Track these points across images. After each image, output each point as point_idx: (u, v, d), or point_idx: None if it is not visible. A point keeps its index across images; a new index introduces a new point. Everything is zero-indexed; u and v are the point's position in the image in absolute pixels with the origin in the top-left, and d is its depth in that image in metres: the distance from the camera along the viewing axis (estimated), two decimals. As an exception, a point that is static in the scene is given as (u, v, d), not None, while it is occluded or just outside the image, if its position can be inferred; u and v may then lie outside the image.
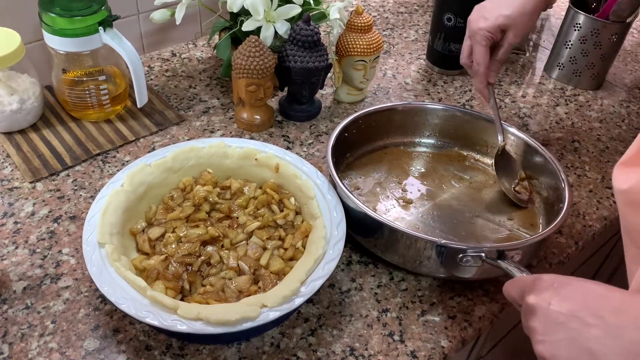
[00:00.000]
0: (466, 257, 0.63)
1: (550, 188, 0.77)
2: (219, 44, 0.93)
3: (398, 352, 0.62)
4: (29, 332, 0.61)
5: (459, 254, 0.63)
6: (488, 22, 0.78)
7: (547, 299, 0.46)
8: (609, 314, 0.42)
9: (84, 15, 0.77)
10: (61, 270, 0.67)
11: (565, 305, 0.45)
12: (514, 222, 0.76)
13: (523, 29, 0.79)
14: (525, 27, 0.80)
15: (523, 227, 0.76)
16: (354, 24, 0.90)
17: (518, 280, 0.53)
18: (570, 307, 0.44)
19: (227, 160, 0.74)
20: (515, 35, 0.79)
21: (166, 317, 0.55)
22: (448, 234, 0.74)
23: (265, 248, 0.66)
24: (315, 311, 0.65)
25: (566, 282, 0.47)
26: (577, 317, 0.43)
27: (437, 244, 0.64)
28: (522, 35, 0.80)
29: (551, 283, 0.47)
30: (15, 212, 0.74)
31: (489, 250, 0.63)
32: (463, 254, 0.63)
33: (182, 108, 0.94)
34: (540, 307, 0.46)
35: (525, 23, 0.79)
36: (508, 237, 0.74)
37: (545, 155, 0.78)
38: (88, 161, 0.82)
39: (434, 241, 0.64)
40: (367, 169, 0.83)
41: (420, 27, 1.23)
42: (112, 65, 0.87)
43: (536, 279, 0.49)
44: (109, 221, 0.64)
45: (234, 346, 0.61)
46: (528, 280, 0.50)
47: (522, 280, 0.52)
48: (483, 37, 0.78)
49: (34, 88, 0.84)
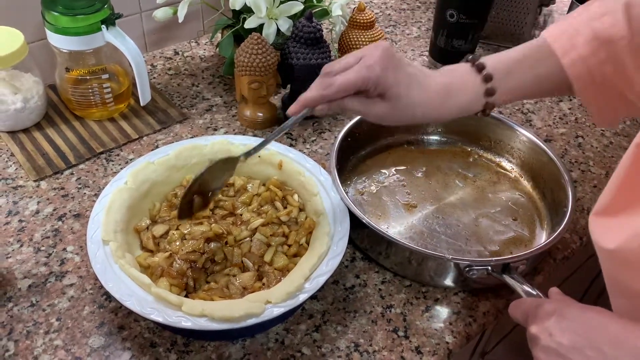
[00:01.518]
0: (472, 270, 0.64)
1: (554, 186, 0.77)
2: (222, 41, 0.93)
3: (403, 348, 0.62)
4: (34, 329, 0.61)
5: (465, 267, 0.64)
6: (384, 77, 0.57)
7: (548, 329, 0.48)
8: (607, 346, 0.44)
9: (86, 13, 0.77)
10: (66, 268, 0.68)
11: (565, 336, 0.46)
12: (519, 223, 0.76)
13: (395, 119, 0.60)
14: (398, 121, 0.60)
15: (528, 227, 0.75)
16: (357, 20, 0.90)
17: (522, 304, 0.54)
18: (570, 339, 0.46)
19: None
20: (381, 116, 0.59)
21: (171, 313, 0.55)
22: (453, 238, 0.73)
23: (269, 245, 0.66)
24: (319, 307, 0.65)
25: (567, 311, 0.48)
26: (576, 348, 0.45)
27: (445, 259, 0.64)
28: (385, 120, 0.60)
29: (553, 312, 0.49)
30: (20, 210, 0.74)
31: (495, 264, 0.63)
32: (469, 268, 0.63)
33: (185, 106, 0.94)
34: (541, 338, 0.48)
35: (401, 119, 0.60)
36: (513, 239, 0.74)
37: (548, 153, 0.78)
38: (92, 159, 0.82)
39: (440, 257, 0.64)
40: (371, 171, 0.83)
41: (423, 24, 1.23)
42: (115, 63, 0.87)
43: (538, 305, 0.51)
44: (113, 219, 0.64)
45: (238, 342, 0.62)
46: (531, 306, 0.52)
47: (526, 303, 0.54)
48: (367, 76, 0.57)
49: (37, 87, 0.84)
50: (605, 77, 0.58)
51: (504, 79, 0.60)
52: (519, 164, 0.84)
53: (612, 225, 0.47)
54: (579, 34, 0.58)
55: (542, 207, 0.78)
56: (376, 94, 0.58)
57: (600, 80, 0.58)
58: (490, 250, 0.72)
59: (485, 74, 0.60)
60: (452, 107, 0.61)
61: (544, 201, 0.79)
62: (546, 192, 0.79)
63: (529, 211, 0.78)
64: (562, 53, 0.58)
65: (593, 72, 0.58)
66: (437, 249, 0.72)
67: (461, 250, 0.72)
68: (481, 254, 0.72)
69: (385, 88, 0.57)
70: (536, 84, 0.61)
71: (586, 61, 0.58)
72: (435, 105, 0.60)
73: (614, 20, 0.56)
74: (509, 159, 0.85)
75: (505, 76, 0.60)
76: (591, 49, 0.57)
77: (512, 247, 0.73)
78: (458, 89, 0.61)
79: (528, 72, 0.60)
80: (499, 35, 1.16)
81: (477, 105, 0.62)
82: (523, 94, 0.63)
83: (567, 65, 0.58)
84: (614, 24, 0.56)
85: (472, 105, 0.61)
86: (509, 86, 0.61)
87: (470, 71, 0.61)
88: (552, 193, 0.77)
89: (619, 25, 0.55)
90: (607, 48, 0.56)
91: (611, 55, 0.56)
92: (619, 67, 0.57)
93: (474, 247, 0.72)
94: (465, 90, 0.61)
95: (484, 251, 0.72)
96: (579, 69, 0.58)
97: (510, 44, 1.15)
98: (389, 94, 0.58)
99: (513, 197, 0.80)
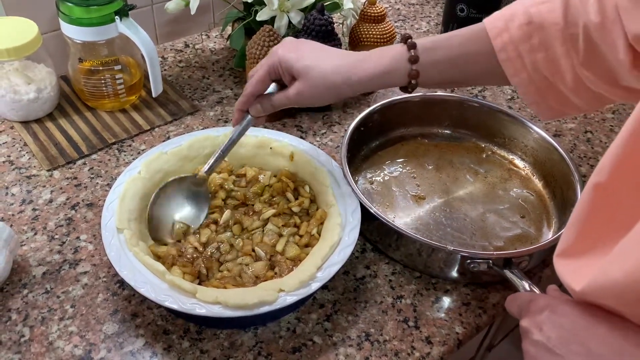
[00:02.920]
0: (474, 263, 0.64)
1: (565, 185, 0.77)
2: (233, 34, 0.94)
3: (413, 338, 0.62)
4: (49, 315, 0.62)
5: (466, 260, 0.64)
6: (286, 57, 0.61)
7: (539, 324, 0.48)
8: (595, 343, 0.44)
9: (100, 4, 0.77)
10: (79, 256, 0.68)
11: (554, 331, 0.47)
12: (526, 220, 0.76)
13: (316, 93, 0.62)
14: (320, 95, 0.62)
15: (535, 225, 0.76)
16: (368, 13, 0.91)
17: (517, 298, 0.55)
18: (559, 335, 0.47)
19: (242, 149, 0.74)
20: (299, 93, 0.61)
21: (185, 300, 0.55)
22: (459, 232, 0.74)
23: (281, 235, 0.67)
24: (330, 297, 0.66)
25: (558, 307, 0.49)
26: (564, 344, 0.46)
27: (446, 250, 0.64)
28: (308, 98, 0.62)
29: (545, 307, 0.49)
30: (34, 199, 0.75)
31: (497, 258, 0.64)
32: (471, 260, 0.64)
33: (195, 98, 0.94)
34: (532, 332, 0.49)
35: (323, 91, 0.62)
36: (519, 237, 0.74)
37: (559, 150, 0.78)
38: (104, 150, 0.83)
39: (442, 247, 0.64)
40: (382, 161, 0.83)
41: (432, 19, 1.23)
42: (128, 55, 0.88)
43: (532, 300, 0.52)
44: (127, 207, 0.64)
45: (250, 331, 0.62)
46: (525, 300, 0.53)
47: (520, 298, 0.54)
48: (270, 63, 0.62)
49: (50, 78, 0.85)
50: (536, 66, 0.57)
51: (430, 50, 0.60)
52: (531, 162, 0.84)
53: (577, 267, 0.47)
54: (515, 18, 0.57)
55: (551, 206, 0.78)
56: (289, 78, 0.62)
57: (532, 69, 0.57)
58: (495, 245, 0.72)
59: (410, 42, 0.60)
60: (370, 69, 0.61)
61: (554, 200, 0.79)
62: (556, 192, 0.79)
63: (537, 209, 0.78)
64: (494, 34, 0.58)
65: (524, 59, 0.57)
66: (442, 241, 0.72)
67: (465, 244, 0.72)
68: (485, 249, 0.72)
69: (291, 66, 0.61)
70: (465, 61, 0.60)
71: (517, 46, 0.57)
72: (350, 69, 0.61)
73: (551, 7, 0.55)
74: (522, 156, 0.85)
75: (432, 47, 0.60)
76: (523, 33, 0.56)
77: (518, 244, 0.73)
78: (380, 55, 0.62)
79: (456, 48, 0.60)
80: (508, 30, 1.16)
81: (400, 73, 0.61)
82: (451, 69, 0.61)
83: (497, 47, 0.57)
84: (551, 10, 0.55)
85: (395, 73, 0.61)
86: (434, 56, 0.60)
87: (396, 44, 0.62)
88: (562, 193, 0.77)
89: (555, 13, 0.55)
90: (539, 34, 0.56)
91: (543, 41, 0.56)
92: (550, 55, 0.56)
93: (478, 242, 0.73)
94: (387, 56, 0.61)
95: (488, 246, 0.72)
96: (510, 53, 0.57)
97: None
98: (297, 69, 0.61)
99: (523, 194, 0.80)
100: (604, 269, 0.42)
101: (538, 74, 0.57)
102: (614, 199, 0.44)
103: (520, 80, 0.58)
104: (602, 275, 0.43)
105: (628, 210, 0.43)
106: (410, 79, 0.61)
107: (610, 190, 0.44)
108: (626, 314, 0.44)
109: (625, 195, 0.44)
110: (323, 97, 0.63)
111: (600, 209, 0.45)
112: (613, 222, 0.44)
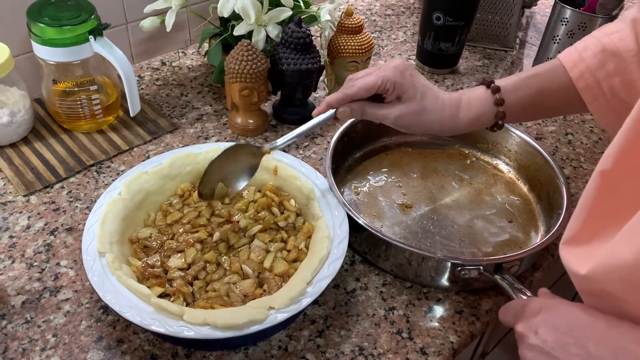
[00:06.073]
0: (464, 270, 0.64)
1: (550, 188, 0.77)
2: (210, 50, 0.93)
3: (407, 350, 0.61)
4: (30, 346, 0.59)
5: (457, 267, 0.63)
6: (405, 76, 0.63)
7: (534, 327, 0.48)
8: (592, 344, 0.44)
9: (73, 24, 0.76)
10: (60, 283, 0.66)
11: (550, 334, 0.47)
12: (514, 224, 0.76)
13: (416, 120, 0.64)
14: (420, 123, 0.65)
15: (523, 229, 0.75)
16: (345, 25, 0.90)
17: (511, 307, 0.55)
18: (555, 337, 0.46)
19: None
20: (401, 115, 0.64)
21: (172, 323, 0.54)
22: (447, 239, 0.73)
23: (268, 251, 0.65)
24: (321, 312, 0.65)
25: (553, 309, 0.49)
26: (561, 346, 0.46)
27: (435, 258, 0.64)
28: (407, 122, 0.65)
29: (539, 310, 0.49)
30: (10, 226, 0.72)
31: (488, 264, 0.63)
32: (461, 267, 0.63)
33: (175, 116, 0.93)
34: (527, 336, 0.48)
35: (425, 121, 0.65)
36: (507, 242, 0.74)
37: (542, 153, 0.78)
38: (82, 172, 0.81)
39: (431, 255, 0.64)
40: (367, 171, 0.82)
41: (408, 29, 1.24)
42: (103, 75, 0.86)
43: (525, 304, 0.52)
44: (108, 230, 0.62)
45: (241, 351, 0.60)
46: (518, 306, 0.53)
47: (513, 305, 0.54)
48: (385, 76, 0.63)
49: (24, 101, 0.83)
50: (614, 90, 0.59)
51: (513, 91, 0.64)
52: (515, 166, 0.84)
53: (583, 253, 0.48)
54: (588, 49, 0.60)
55: (537, 209, 0.78)
56: (394, 97, 0.63)
57: (610, 94, 0.60)
58: (484, 251, 0.72)
59: (493, 86, 0.64)
60: (464, 118, 0.65)
61: (540, 204, 0.79)
62: (542, 195, 0.79)
63: (524, 213, 0.78)
64: (570, 66, 0.61)
65: (601, 85, 0.60)
66: (431, 249, 0.71)
67: (455, 251, 0.72)
68: (475, 255, 0.71)
69: (402, 89, 0.63)
70: (545, 96, 0.64)
71: (594, 73, 0.60)
72: (447, 116, 0.65)
73: (622, 35, 0.59)
74: (505, 161, 0.85)
75: (514, 89, 0.64)
76: (599, 61, 0.59)
77: (507, 249, 0.72)
78: (469, 102, 0.65)
79: (536, 84, 0.64)
80: (484, 37, 1.17)
81: (488, 116, 0.65)
82: (533, 107, 0.65)
83: (575, 77, 0.61)
84: (622, 38, 0.58)
85: (484, 117, 0.65)
86: (517, 96, 0.64)
87: (481, 88, 0.66)
88: (547, 195, 0.77)
89: (627, 40, 0.58)
90: (615, 60, 0.59)
91: (619, 67, 0.59)
92: (626, 78, 0.59)
93: (467, 249, 0.72)
94: (475, 101, 0.65)
95: (477, 252, 0.72)
96: (588, 80, 0.60)
97: (496, 45, 1.17)
98: (405, 96, 0.63)
99: (509, 199, 0.80)
100: (611, 250, 0.43)
101: (615, 97, 0.60)
102: (619, 185, 0.45)
103: (598, 105, 0.61)
104: (609, 257, 0.43)
105: (633, 196, 0.44)
106: (497, 119, 0.65)
107: (615, 177, 0.45)
108: (629, 300, 0.43)
109: (630, 182, 0.45)
110: (419, 126, 0.65)
111: (606, 195, 0.46)
112: (619, 208, 0.45)
